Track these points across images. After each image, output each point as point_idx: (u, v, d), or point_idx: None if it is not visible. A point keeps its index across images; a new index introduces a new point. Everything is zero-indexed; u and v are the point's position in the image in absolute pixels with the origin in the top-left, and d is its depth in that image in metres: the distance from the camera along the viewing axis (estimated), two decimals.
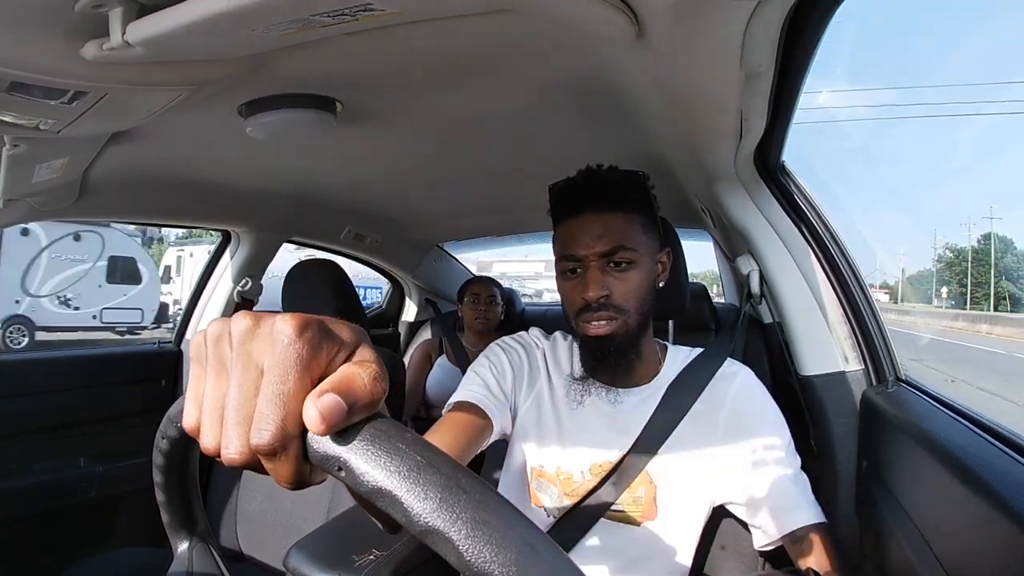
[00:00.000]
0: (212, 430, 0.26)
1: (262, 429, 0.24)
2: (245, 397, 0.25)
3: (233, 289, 1.67)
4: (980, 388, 5.99)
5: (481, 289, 2.08)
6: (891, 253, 33.27)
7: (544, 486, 0.86)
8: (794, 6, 0.51)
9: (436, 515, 0.22)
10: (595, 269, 0.79)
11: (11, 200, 1.03)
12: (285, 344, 0.24)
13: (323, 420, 0.23)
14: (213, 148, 1.09)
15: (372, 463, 0.23)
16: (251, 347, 0.25)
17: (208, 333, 0.27)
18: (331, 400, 0.23)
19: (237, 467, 0.25)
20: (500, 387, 0.86)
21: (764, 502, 0.78)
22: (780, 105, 0.77)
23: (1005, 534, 0.46)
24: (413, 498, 0.22)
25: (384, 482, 0.23)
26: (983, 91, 61.54)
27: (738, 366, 0.88)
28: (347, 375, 0.25)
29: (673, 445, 0.82)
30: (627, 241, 0.79)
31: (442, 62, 0.74)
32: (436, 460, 0.23)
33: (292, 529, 1.33)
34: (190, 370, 0.28)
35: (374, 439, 0.24)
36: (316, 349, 0.25)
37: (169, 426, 0.34)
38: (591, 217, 0.79)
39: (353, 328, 0.28)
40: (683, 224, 1.62)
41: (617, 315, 0.79)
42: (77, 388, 1.46)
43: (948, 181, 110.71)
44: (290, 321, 0.25)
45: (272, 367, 0.24)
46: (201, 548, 0.42)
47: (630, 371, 0.85)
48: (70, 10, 0.51)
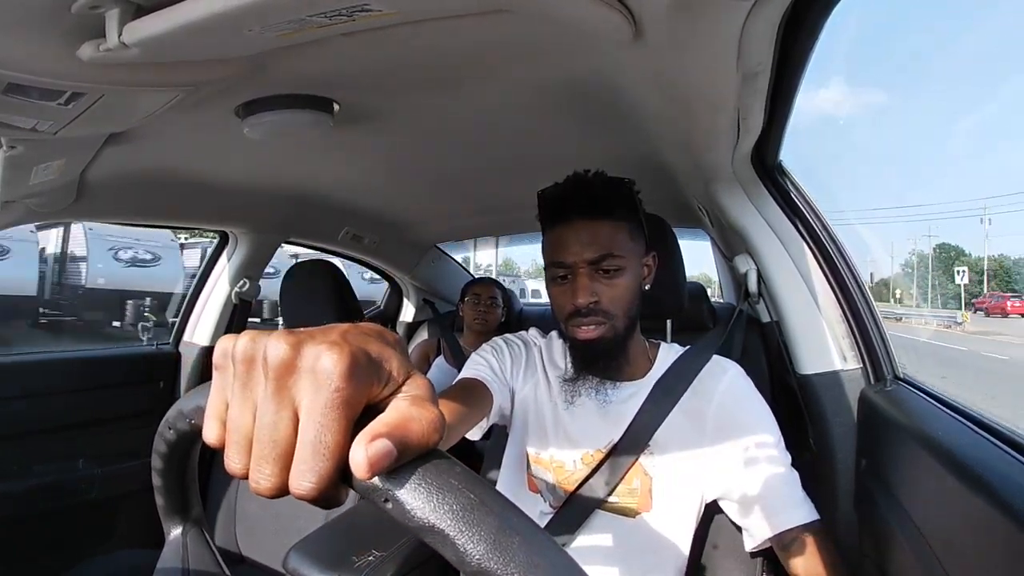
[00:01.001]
0: (239, 457, 0.24)
1: (304, 481, 0.22)
2: (280, 436, 0.23)
3: (231, 290, 1.67)
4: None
5: (483, 290, 2.09)
6: (862, 260, 33.42)
7: (540, 472, 0.89)
8: (791, 5, 0.51)
9: (490, 557, 0.21)
10: (584, 276, 0.81)
11: (8, 202, 1.02)
12: (332, 390, 0.22)
13: (370, 468, 0.22)
14: (210, 149, 1.09)
15: (422, 499, 0.22)
16: (289, 383, 0.23)
17: (238, 350, 0.25)
18: (383, 448, 0.22)
19: (268, 498, 0.24)
20: (501, 370, 0.91)
21: (754, 502, 0.80)
22: (777, 105, 0.77)
23: (1003, 532, 0.46)
24: (466, 539, 0.22)
25: (435, 520, 0.22)
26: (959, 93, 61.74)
27: (728, 363, 0.90)
28: (403, 418, 0.23)
29: (665, 438, 0.84)
30: (615, 248, 0.81)
31: (439, 62, 0.74)
32: (488, 499, 0.23)
33: (291, 530, 1.33)
34: (213, 376, 0.26)
35: (425, 473, 0.23)
36: (365, 389, 0.24)
37: (180, 420, 0.33)
38: (579, 225, 0.81)
39: (402, 357, 0.26)
40: (681, 224, 1.62)
41: (605, 320, 0.82)
42: (75, 389, 1.46)
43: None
44: (337, 361, 0.23)
45: (314, 411, 0.23)
46: (195, 533, 0.42)
47: (619, 369, 0.88)
48: (67, 11, 0.51)
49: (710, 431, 0.84)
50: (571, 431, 0.88)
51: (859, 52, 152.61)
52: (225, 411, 0.25)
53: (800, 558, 0.75)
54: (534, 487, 0.90)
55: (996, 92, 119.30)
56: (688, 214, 1.54)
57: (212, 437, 0.26)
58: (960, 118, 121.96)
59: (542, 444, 0.90)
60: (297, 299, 1.32)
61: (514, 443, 0.94)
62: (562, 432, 0.88)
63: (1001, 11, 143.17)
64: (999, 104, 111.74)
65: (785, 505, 0.78)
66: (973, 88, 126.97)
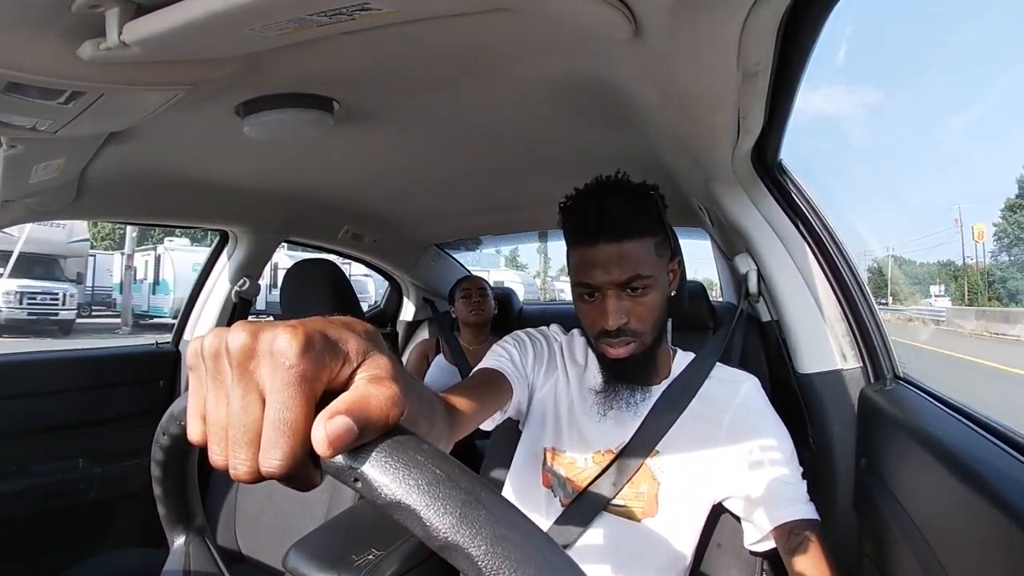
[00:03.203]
0: (219, 448, 0.25)
1: (271, 458, 0.23)
2: (250, 420, 0.24)
3: (231, 289, 1.67)
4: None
5: (471, 284, 2.12)
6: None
7: (555, 467, 0.90)
8: (791, 4, 0.51)
9: (456, 530, 0.21)
10: (612, 298, 0.80)
11: (8, 201, 1.02)
12: (287, 367, 0.23)
13: (330, 444, 0.23)
14: (211, 148, 1.09)
15: (390, 475, 0.23)
16: (251, 367, 0.24)
17: (205, 347, 0.26)
18: (342, 423, 0.23)
19: (247, 483, 0.25)
20: (523, 363, 0.91)
21: (758, 496, 0.81)
22: (778, 104, 0.77)
23: (1003, 531, 0.46)
24: (432, 512, 0.22)
25: (402, 496, 0.22)
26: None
27: (744, 375, 0.91)
28: (362, 396, 0.24)
29: (675, 443, 0.85)
30: (642, 268, 0.79)
31: (439, 61, 0.74)
32: (455, 473, 0.23)
33: (291, 529, 1.33)
34: (189, 377, 0.27)
35: (392, 451, 0.23)
36: (320, 366, 0.24)
37: (172, 423, 0.33)
38: (606, 248, 0.79)
39: (360, 335, 0.27)
40: (681, 223, 1.62)
41: (634, 339, 0.82)
42: (75, 389, 1.46)
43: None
44: (291, 340, 0.24)
45: (274, 391, 0.24)
46: (198, 542, 0.42)
47: (647, 377, 0.89)
48: (67, 10, 0.51)
49: (723, 439, 0.84)
50: (585, 429, 0.89)
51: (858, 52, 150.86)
52: (204, 407, 0.26)
53: (801, 556, 0.75)
54: (547, 482, 0.90)
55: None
56: (688, 213, 1.54)
57: (195, 435, 0.26)
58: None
59: (558, 440, 0.91)
60: (297, 299, 1.32)
61: (529, 438, 0.95)
62: (576, 429, 0.90)
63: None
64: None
65: (788, 501, 0.79)
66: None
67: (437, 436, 0.43)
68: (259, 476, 0.24)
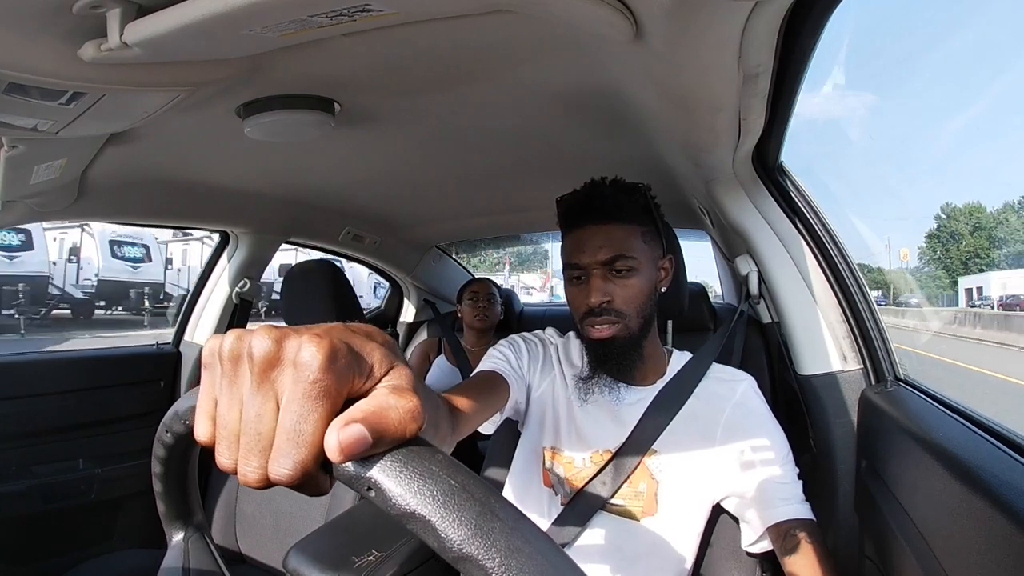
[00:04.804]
0: (229, 452, 0.25)
1: (281, 466, 0.23)
2: (264, 428, 0.24)
3: (232, 290, 1.67)
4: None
5: (480, 288, 2.11)
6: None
7: (555, 466, 0.91)
8: (792, 6, 0.51)
9: (471, 542, 0.21)
10: (597, 277, 0.83)
11: (9, 201, 1.02)
12: (310, 381, 0.23)
13: (342, 452, 0.22)
14: (212, 149, 1.09)
15: (404, 486, 0.23)
16: (272, 376, 0.24)
17: (224, 348, 0.25)
18: (356, 432, 0.23)
19: (255, 489, 0.25)
20: (519, 364, 0.93)
21: (754, 497, 0.81)
22: (778, 105, 0.77)
23: (1004, 533, 0.46)
24: (447, 524, 0.22)
25: (417, 507, 0.22)
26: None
27: (742, 375, 0.92)
28: (381, 407, 0.24)
29: (673, 443, 0.85)
30: (627, 250, 0.83)
31: (440, 63, 0.74)
32: (469, 484, 0.23)
33: (291, 530, 1.33)
34: (202, 375, 0.27)
35: (406, 461, 0.23)
36: (343, 381, 0.24)
37: (176, 422, 0.33)
38: (593, 229, 0.84)
39: (385, 349, 0.26)
40: (681, 225, 1.62)
41: (618, 319, 0.84)
42: (76, 390, 1.46)
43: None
44: (317, 352, 0.23)
45: (293, 401, 0.23)
46: (197, 539, 0.42)
47: (634, 370, 0.89)
48: (68, 11, 0.51)
49: (719, 438, 0.85)
50: (583, 429, 0.90)
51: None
52: (214, 408, 0.26)
53: (797, 556, 0.75)
54: (548, 482, 0.91)
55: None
56: (689, 215, 1.54)
57: (203, 434, 0.26)
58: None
59: (557, 440, 0.91)
60: (298, 299, 1.32)
61: (529, 438, 0.96)
62: (575, 429, 0.90)
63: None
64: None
65: (783, 500, 0.80)
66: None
67: (442, 439, 0.43)
68: (268, 483, 0.24)
